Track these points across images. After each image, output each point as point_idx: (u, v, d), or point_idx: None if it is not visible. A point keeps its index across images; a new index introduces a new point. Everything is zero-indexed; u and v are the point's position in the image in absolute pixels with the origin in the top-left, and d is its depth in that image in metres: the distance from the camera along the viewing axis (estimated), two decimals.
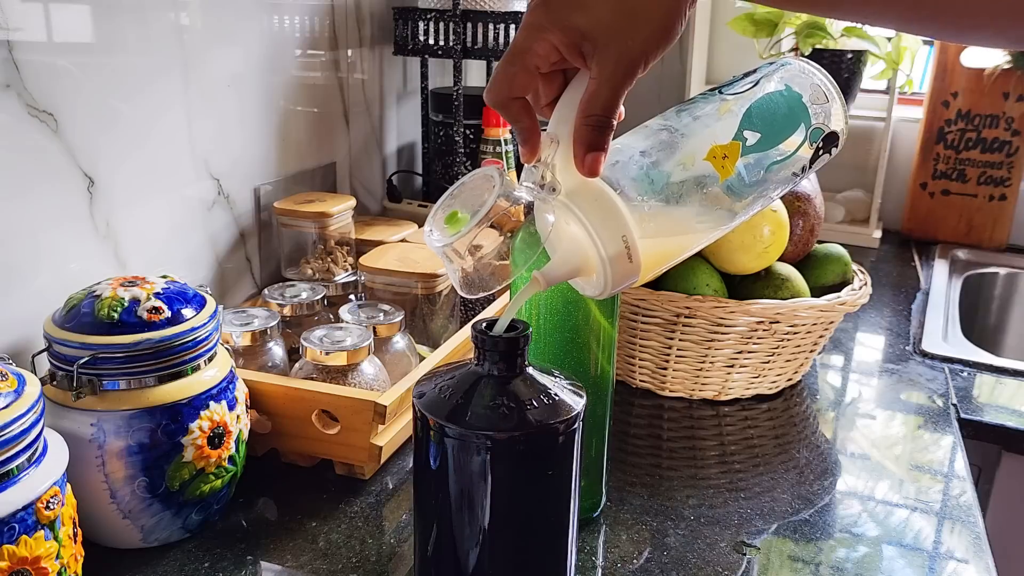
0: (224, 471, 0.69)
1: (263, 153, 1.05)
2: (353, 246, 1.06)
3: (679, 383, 0.95)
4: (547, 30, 0.48)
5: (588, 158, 0.48)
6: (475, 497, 0.52)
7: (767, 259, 0.93)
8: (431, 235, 0.50)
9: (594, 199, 0.49)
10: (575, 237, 0.50)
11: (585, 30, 0.47)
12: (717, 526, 0.73)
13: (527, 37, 0.48)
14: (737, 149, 0.51)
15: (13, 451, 0.52)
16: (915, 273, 1.49)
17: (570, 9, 0.47)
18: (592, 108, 0.48)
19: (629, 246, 0.48)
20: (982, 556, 0.70)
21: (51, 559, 0.54)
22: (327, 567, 0.66)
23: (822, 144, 0.54)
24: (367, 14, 1.24)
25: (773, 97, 0.53)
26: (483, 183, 0.50)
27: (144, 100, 0.86)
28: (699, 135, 0.51)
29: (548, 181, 0.49)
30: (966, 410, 0.96)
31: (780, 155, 0.53)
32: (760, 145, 0.52)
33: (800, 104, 0.54)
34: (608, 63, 0.47)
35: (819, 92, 0.54)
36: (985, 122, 1.60)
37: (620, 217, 0.48)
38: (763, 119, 0.52)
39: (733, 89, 0.54)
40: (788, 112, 0.53)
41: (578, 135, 0.48)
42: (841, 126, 0.55)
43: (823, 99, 0.54)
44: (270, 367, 0.83)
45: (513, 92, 0.50)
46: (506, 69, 0.50)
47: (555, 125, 0.50)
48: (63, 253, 0.79)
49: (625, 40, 0.47)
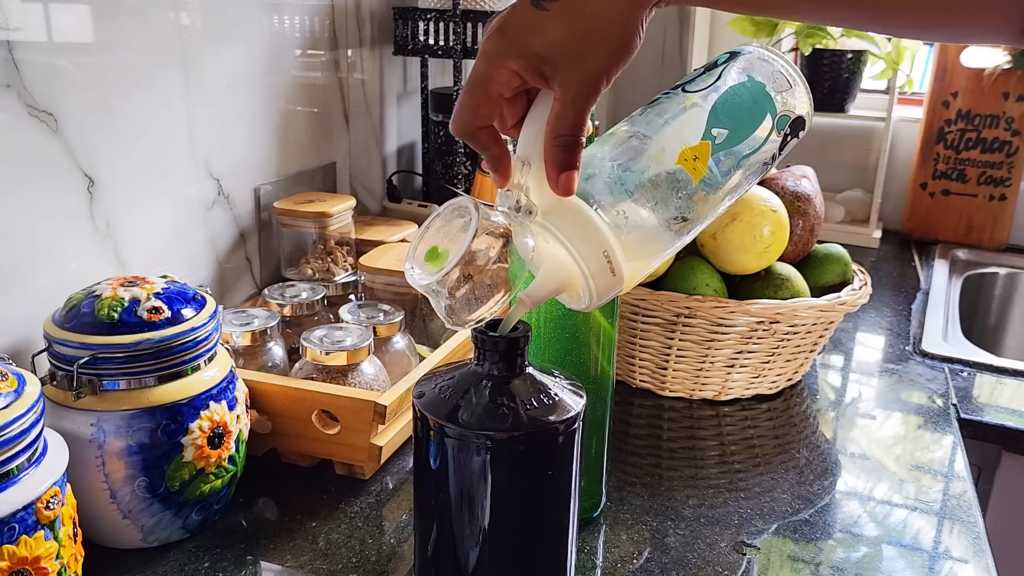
0: (224, 471, 0.69)
1: (263, 153, 1.05)
2: (353, 246, 1.06)
3: (679, 383, 0.95)
4: (506, 57, 0.48)
5: (562, 178, 0.48)
6: (475, 497, 0.52)
7: (767, 259, 0.93)
8: (413, 272, 0.49)
9: (571, 217, 0.48)
10: (556, 256, 0.50)
11: (544, 54, 0.47)
12: (717, 526, 0.73)
13: (487, 65, 0.48)
14: (707, 149, 0.51)
15: (13, 451, 0.52)
16: (915, 273, 1.49)
17: (527, 35, 0.47)
18: (560, 129, 0.48)
19: (611, 260, 0.48)
20: (982, 556, 0.70)
21: (51, 559, 0.54)
22: (327, 567, 0.66)
23: (789, 130, 0.54)
24: (367, 14, 1.24)
25: (737, 90, 0.53)
26: (459, 214, 0.49)
27: (144, 100, 0.86)
28: (668, 139, 0.51)
29: (524, 204, 0.49)
30: (966, 410, 0.96)
31: (750, 148, 0.53)
32: (729, 141, 0.52)
33: (764, 94, 0.53)
34: (571, 84, 0.47)
35: (781, 79, 0.54)
36: (985, 122, 1.60)
37: (599, 233, 0.48)
38: (729, 114, 0.52)
39: (696, 85, 0.53)
40: (753, 104, 0.53)
41: (549, 156, 0.48)
42: (807, 109, 0.55)
43: (786, 85, 0.54)
44: (270, 367, 0.83)
45: (478, 121, 0.50)
46: (469, 99, 0.49)
47: (524, 147, 0.50)
48: (63, 253, 0.79)
49: (585, 61, 0.47)
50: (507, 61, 0.48)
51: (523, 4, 0.48)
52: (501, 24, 0.48)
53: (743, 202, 0.91)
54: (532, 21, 0.47)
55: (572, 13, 0.47)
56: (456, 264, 0.47)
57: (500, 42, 0.48)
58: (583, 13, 0.47)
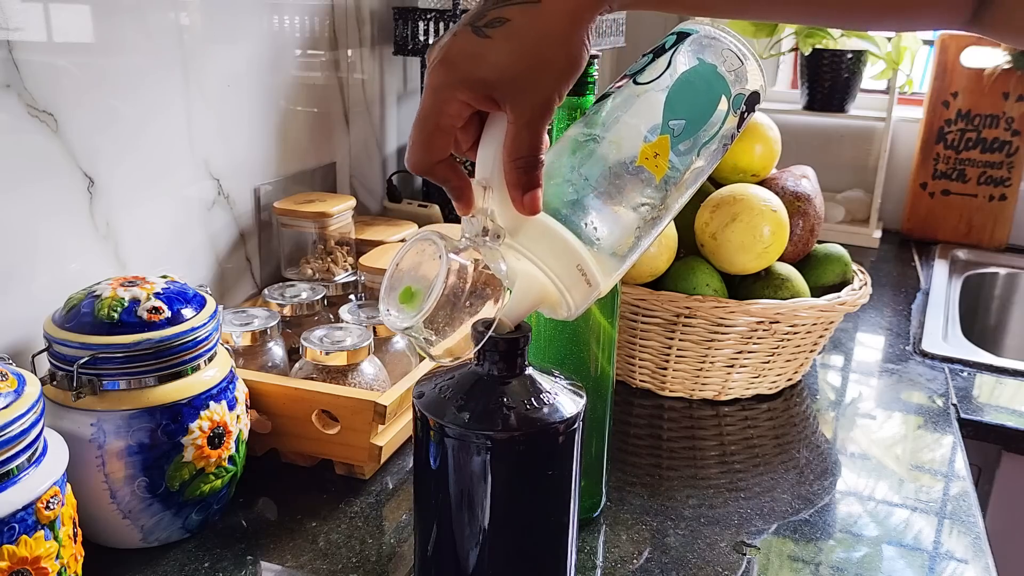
0: (224, 471, 0.69)
1: (263, 153, 1.05)
2: (353, 246, 1.06)
3: (679, 383, 0.94)
4: (454, 89, 0.47)
5: (526, 198, 0.47)
6: (475, 497, 0.52)
7: (767, 259, 0.93)
8: (390, 316, 0.48)
9: (541, 235, 0.48)
10: (529, 273, 0.49)
11: (493, 82, 0.46)
12: (717, 526, 0.73)
13: (435, 99, 0.47)
14: (666, 143, 0.50)
15: (13, 451, 0.52)
16: (915, 273, 1.49)
17: (472, 64, 0.47)
18: (518, 152, 0.47)
19: (585, 272, 0.48)
20: (982, 556, 0.70)
21: (51, 559, 0.54)
22: (327, 567, 0.66)
23: (745, 107, 0.53)
24: (367, 14, 1.24)
25: (688, 77, 0.52)
26: (426, 248, 0.49)
27: (144, 100, 0.86)
28: (626, 139, 0.50)
29: (491, 229, 0.48)
30: (966, 410, 0.96)
31: (708, 133, 0.52)
32: (687, 131, 0.51)
33: (716, 75, 0.52)
34: (524, 108, 0.47)
35: (732, 57, 0.53)
36: (985, 122, 1.60)
37: (570, 248, 0.48)
38: (684, 103, 0.51)
39: (647, 76, 0.52)
40: (707, 88, 0.52)
41: (510, 179, 0.47)
42: (760, 82, 0.53)
43: (737, 62, 0.53)
44: (270, 367, 0.83)
45: (434, 157, 0.49)
46: (421, 135, 0.49)
47: (482, 171, 0.49)
48: (63, 253, 0.79)
49: (535, 83, 0.47)
50: (455, 93, 0.47)
51: (464, 32, 0.47)
52: (444, 55, 0.47)
53: (743, 202, 0.91)
54: (476, 49, 0.47)
55: (515, 37, 0.46)
56: (432, 306, 0.46)
57: (446, 74, 0.47)
58: (526, 36, 0.46)
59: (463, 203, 0.50)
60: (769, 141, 0.99)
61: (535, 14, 0.46)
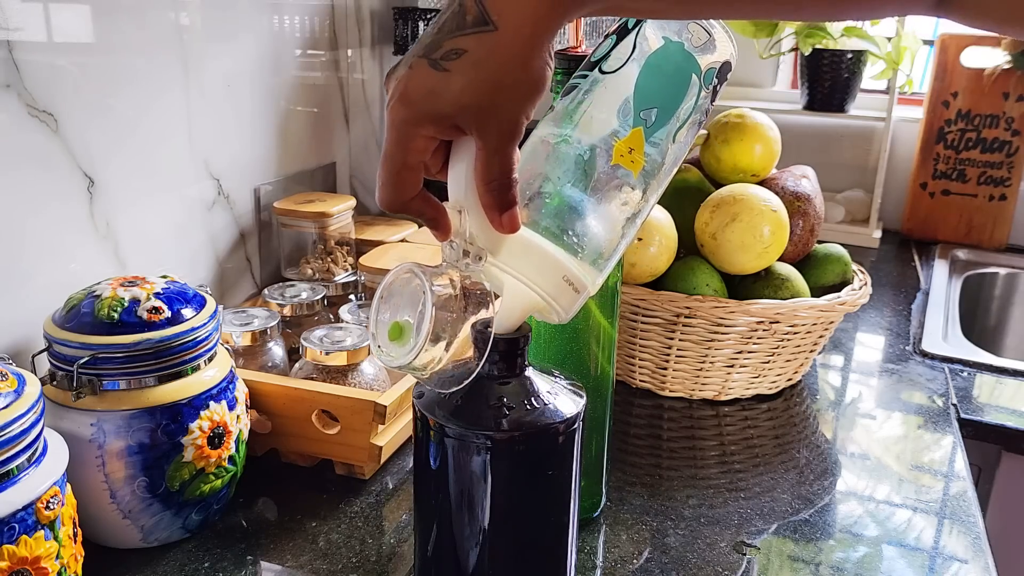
0: (224, 471, 0.69)
1: (263, 153, 1.05)
2: (353, 246, 1.07)
3: (679, 383, 0.94)
4: (417, 125, 0.46)
5: (504, 218, 0.47)
6: (475, 497, 0.52)
7: (767, 259, 0.93)
8: (382, 353, 0.48)
9: (523, 252, 0.47)
10: (514, 287, 0.49)
11: (456, 115, 0.45)
12: (717, 526, 0.73)
13: (399, 137, 0.46)
14: (640, 136, 0.49)
15: (13, 451, 0.52)
16: (915, 273, 1.49)
17: (433, 100, 0.45)
18: (489, 175, 0.46)
19: (572, 282, 0.48)
20: (982, 556, 0.70)
21: (51, 559, 0.54)
22: (327, 567, 0.66)
23: (717, 80, 0.51)
24: (367, 14, 1.24)
25: (656, 60, 0.49)
26: (409, 279, 0.48)
27: (144, 100, 0.86)
28: (599, 137, 0.49)
29: (472, 251, 0.48)
30: (966, 410, 0.96)
31: (682, 117, 0.50)
32: (661, 119, 0.49)
33: (684, 53, 0.50)
34: (491, 134, 0.46)
35: (698, 30, 0.50)
36: (985, 122, 1.60)
37: (554, 260, 0.47)
38: (655, 90, 0.49)
39: (612, 63, 0.50)
40: (676, 70, 0.49)
41: (486, 202, 0.47)
42: (730, 51, 0.51)
43: (704, 35, 0.50)
44: (270, 367, 0.83)
45: (405, 195, 0.48)
46: (389, 174, 0.47)
47: (455, 194, 0.48)
48: (63, 253, 0.79)
49: (499, 109, 0.46)
50: (419, 129, 0.46)
51: (420, 66, 0.46)
52: (403, 93, 0.46)
53: (743, 202, 0.91)
54: (434, 84, 0.45)
55: (474, 67, 0.45)
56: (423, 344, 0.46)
57: (407, 112, 0.46)
58: (485, 66, 0.45)
59: (440, 231, 0.49)
60: (769, 141, 0.99)
61: (492, 42, 0.45)
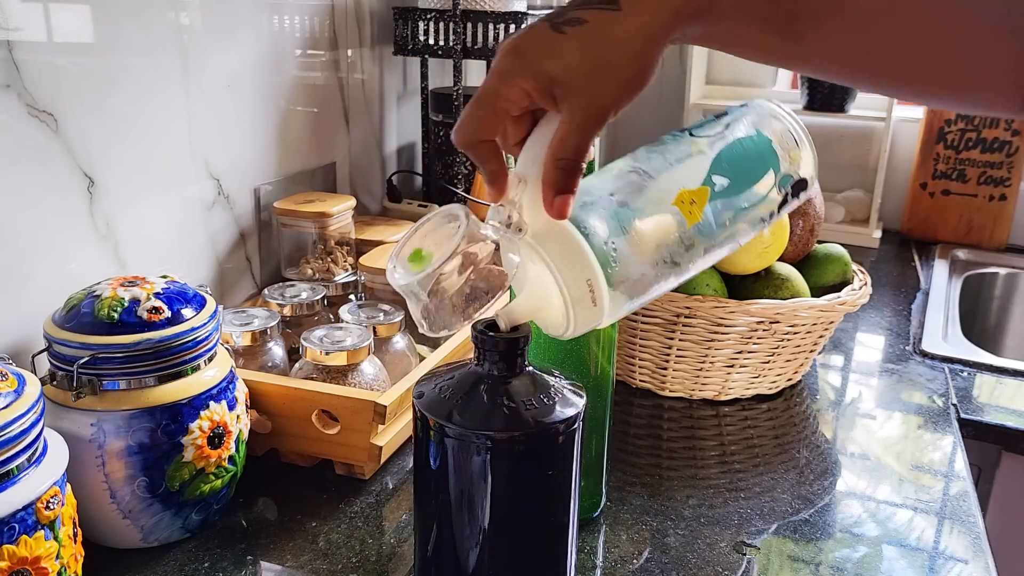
0: (224, 471, 0.69)
1: (263, 153, 1.05)
2: (353, 246, 1.07)
3: (679, 383, 0.94)
4: (518, 75, 0.48)
5: (557, 200, 0.48)
6: (475, 497, 0.52)
7: (767, 259, 0.93)
8: (394, 272, 0.49)
9: (560, 241, 0.48)
10: (539, 278, 0.49)
11: (556, 77, 0.47)
12: (717, 526, 0.73)
13: (497, 83, 0.48)
14: (705, 194, 0.50)
15: (13, 451, 0.52)
16: (915, 273, 1.49)
17: (542, 56, 0.47)
18: (563, 152, 0.48)
19: (593, 290, 0.48)
20: (982, 556, 0.70)
21: (51, 559, 0.54)
22: (327, 567, 0.66)
23: (791, 190, 0.53)
24: (367, 14, 1.24)
25: (743, 142, 0.52)
26: (449, 221, 0.49)
27: (144, 100, 0.86)
28: (668, 179, 0.51)
29: (515, 221, 0.49)
30: (966, 410, 0.96)
31: (748, 201, 0.52)
32: (729, 191, 0.51)
33: (770, 150, 0.53)
34: (579, 110, 0.47)
35: (789, 137, 0.54)
36: (985, 122, 1.60)
37: (585, 261, 0.48)
38: (732, 164, 0.52)
39: (703, 131, 0.53)
40: (758, 157, 0.52)
41: (547, 178, 0.48)
42: (811, 172, 0.54)
43: (793, 144, 0.53)
44: (270, 367, 0.83)
45: (481, 135, 0.50)
46: (475, 112, 0.49)
47: (523, 165, 0.50)
48: (63, 253, 0.79)
49: (596, 89, 0.47)
50: (518, 79, 0.48)
51: (541, 26, 0.48)
52: (516, 44, 0.48)
53: None
54: (549, 43, 0.47)
55: (589, 40, 0.47)
56: (438, 268, 0.47)
57: (513, 61, 0.48)
58: (600, 41, 0.47)
59: (496, 189, 0.50)
60: None
61: (612, 21, 0.47)
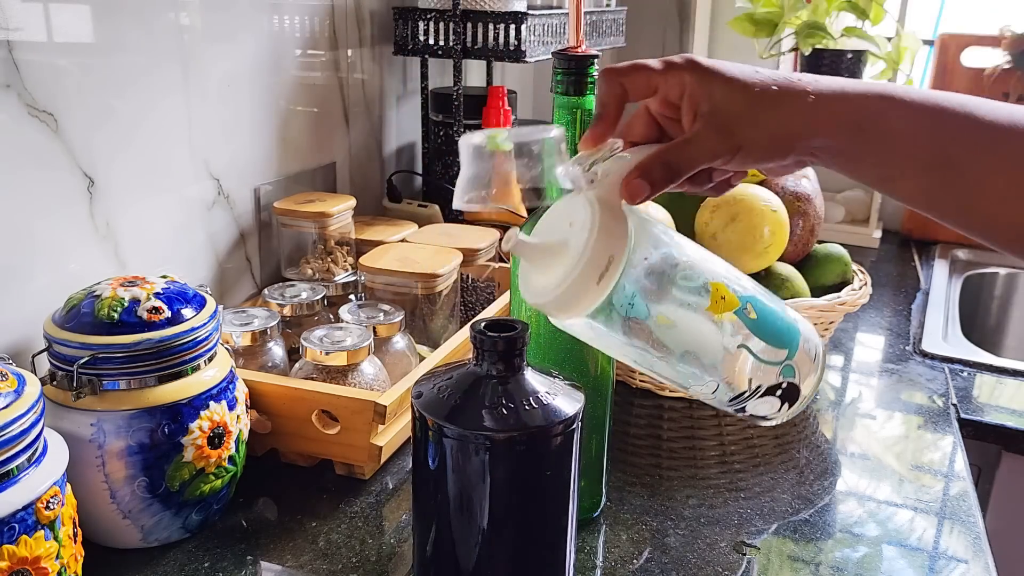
0: (224, 471, 0.69)
1: (263, 153, 1.05)
2: (353, 246, 1.06)
3: None
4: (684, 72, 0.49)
5: (634, 184, 0.49)
6: (474, 497, 0.52)
7: (767, 259, 0.93)
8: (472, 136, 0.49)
9: (612, 216, 0.48)
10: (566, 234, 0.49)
11: (714, 100, 0.49)
12: (717, 526, 0.73)
13: (668, 67, 0.50)
14: (735, 303, 0.51)
15: (13, 451, 0.52)
16: (915, 273, 1.49)
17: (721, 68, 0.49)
18: (670, 155, 0.49)
19: (609, 267, 0.47)
20: (982, 556, 0.70)
21: (51, 559, 0.54)
22: (327, 567, 0.66)
23: (781, 390, 0.53)
24: (367, 14, 1.24)
25: (782, 313, 0.53)
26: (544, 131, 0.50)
27: (144, 100, 0.86)
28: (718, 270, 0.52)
29: (590, 171, 0.50)
30: (966, 410, 0.96)
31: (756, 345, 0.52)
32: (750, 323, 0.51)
33: (795, 339, 0.53)
34: (706, 137, 0.49)
35: (814, 350, 0.54)
36: None
37: (622, 240, 0.48)
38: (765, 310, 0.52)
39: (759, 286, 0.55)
40: (787, 330, 0.53)
41: (644, 163, 0.49)
42: (807, 392, 0.54)
43: (811, 357, 0.54)
44: (270, 367, 0.83)
45: (630, 79, 0.51)
46: (644, 65, 0.51)
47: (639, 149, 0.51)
48: (63, 253, 0.79)
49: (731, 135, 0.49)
50: (684, 75, 0.49)
51: (747, 68, 0.50)
52: (712, 62, 0.50)
53: (743, 202, 0.91)
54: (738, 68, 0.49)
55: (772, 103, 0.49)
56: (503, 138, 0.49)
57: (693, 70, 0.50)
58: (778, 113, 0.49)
59: (597, 129, 0.52)
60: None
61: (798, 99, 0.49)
